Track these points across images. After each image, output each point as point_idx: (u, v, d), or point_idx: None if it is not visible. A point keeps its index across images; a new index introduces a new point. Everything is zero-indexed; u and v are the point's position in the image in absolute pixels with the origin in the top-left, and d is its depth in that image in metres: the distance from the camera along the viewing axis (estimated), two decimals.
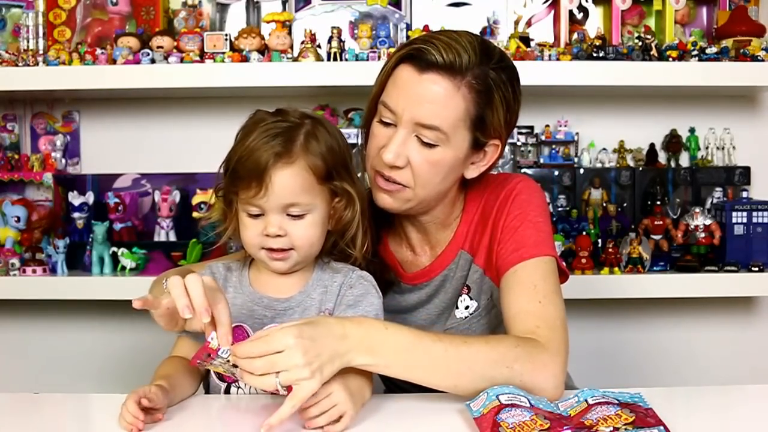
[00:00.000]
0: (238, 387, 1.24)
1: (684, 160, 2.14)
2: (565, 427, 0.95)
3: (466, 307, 1.35)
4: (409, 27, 2.03)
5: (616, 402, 1.01)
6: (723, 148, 2.13)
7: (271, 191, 1.16)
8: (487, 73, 1.23)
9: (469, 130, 1.24)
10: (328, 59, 1.93)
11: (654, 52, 1.93)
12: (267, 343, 1.01)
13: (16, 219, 2.01)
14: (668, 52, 1.93)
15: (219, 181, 1.25)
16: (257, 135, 1.18)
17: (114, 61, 1.93)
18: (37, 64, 1.95)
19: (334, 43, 1.93)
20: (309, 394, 1.00)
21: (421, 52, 1.22)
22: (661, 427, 0.95)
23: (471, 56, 1.21)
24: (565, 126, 2.08)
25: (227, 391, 1.24)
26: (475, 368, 1.10)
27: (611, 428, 0.94)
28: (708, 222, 1.98)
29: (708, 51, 1.93)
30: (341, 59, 1.93)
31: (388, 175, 1.26)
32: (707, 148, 2.14)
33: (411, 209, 1.31)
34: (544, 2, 2.09)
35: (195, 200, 2.01)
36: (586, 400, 1.03)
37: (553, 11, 2.09)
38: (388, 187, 1.27)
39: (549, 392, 1.10)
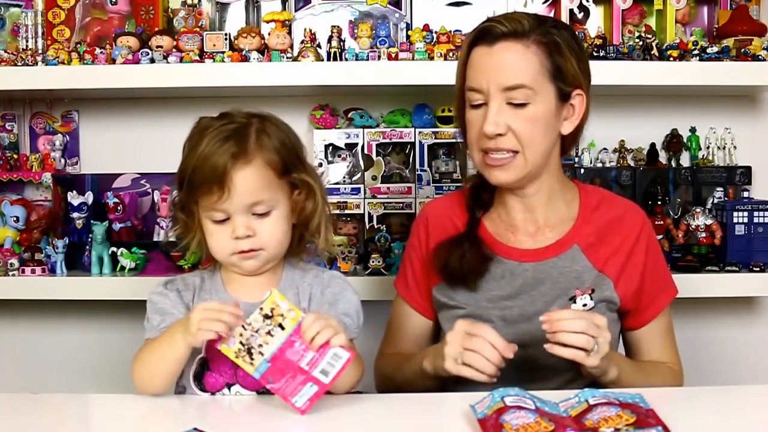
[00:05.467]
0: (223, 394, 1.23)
1: (685, 159, 2.13)
2: (568, 429, 0.95)
3: (584, 305, 1.37)
4: (409, 26, 2.02)
5: (617, 402, 1.00)
6: (724, 148, 2.13)
7: (234, 193, 1.17)
8: (547, 30, 1.35)
9: (550, 81, 1.34)
10: (328, 59, 1.93)
11: (655, 51, 1.92)
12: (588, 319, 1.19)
13: (15, 219, 2.00)
14: (669, 52, 1.93)
15: (175, 195, 1.26)
16: (208, 141, 1.18)
17: (113, 61, 1.93)
18: (36, 63, 1.94)
19: (334, 43, 1.92)
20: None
21: (486, 31, 1.36)
22: (660, 428, 0.94)
23: (530, 21, 1.35)
24: None
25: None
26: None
27: (612, 429, 0.94)
28: (709, 222, 1.97)
29: (709, 50, 1.93)
30: (341, 59, 1.93)
31: (496, 147, 1.34)
32: (708, 147, 2.14)
33: (524, 178, 1.37)
34: (545, 2, 2.08)
35: None
36: (587, 401, 1.02)
37: (553, 11, 2.09)
38: (498, 162, 1.36)
39: None
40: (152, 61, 1.93)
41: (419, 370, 1.34)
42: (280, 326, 1.10)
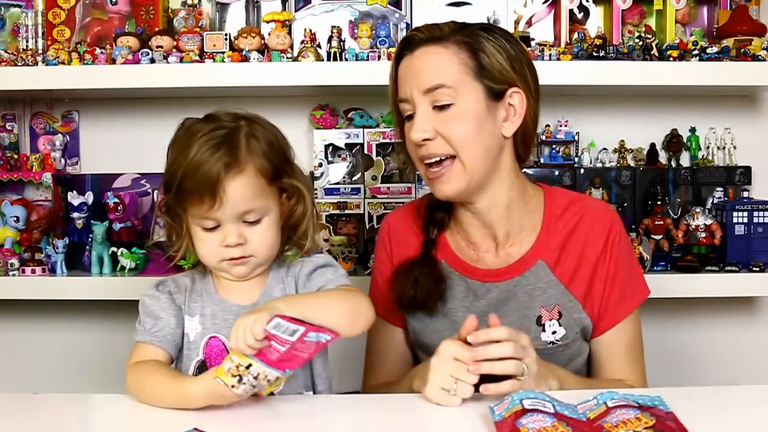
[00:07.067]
0: None
1: (685, 159, 2.13)
2: None
3: (554, 332, 1.34)
4: (409, 27, 2.02)
5: (636, 405, 0.98)
6: (724, 148, 2.13)
7: (226, 202, 1.15)
8: (470, 31, 1.33)
9: (475, 79, 1.30)
10: (328, 59, 1.93)
11: (654, 51, 1.92)
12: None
13: (15, 219, 2.00)
14: (669, 52, 1.93)
15: (162, 198, 1.23)
16: (198, 147, 1.15)
17: (113, 61, 1.93)
18: (36, 63, 1.95)
19: (334, 43, 1.92)
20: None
21: (407, 40, 1.35)
22: None
23: (451, 26, 1.34)
24: (566, 126, 2.08)
25: None
26: None
27: None
28: (709, 222, 1.97)
29: (709, 50, 1.93)
30: (341, 59, 1.93)
31: (428, 153, 1.30)
32: (708, 147, 2.14)
33: (468, 188, 1.31)
34: (545, 2, 2.08)
35: None
36: (605, 403, 1.00)
37: (553, 11, 2.09)
38: (437, 173, 1.31)
39: None
40: (152, 61, 1.94)
41: (409, 391, 1.25)
42: (247, 368, 1.08)
